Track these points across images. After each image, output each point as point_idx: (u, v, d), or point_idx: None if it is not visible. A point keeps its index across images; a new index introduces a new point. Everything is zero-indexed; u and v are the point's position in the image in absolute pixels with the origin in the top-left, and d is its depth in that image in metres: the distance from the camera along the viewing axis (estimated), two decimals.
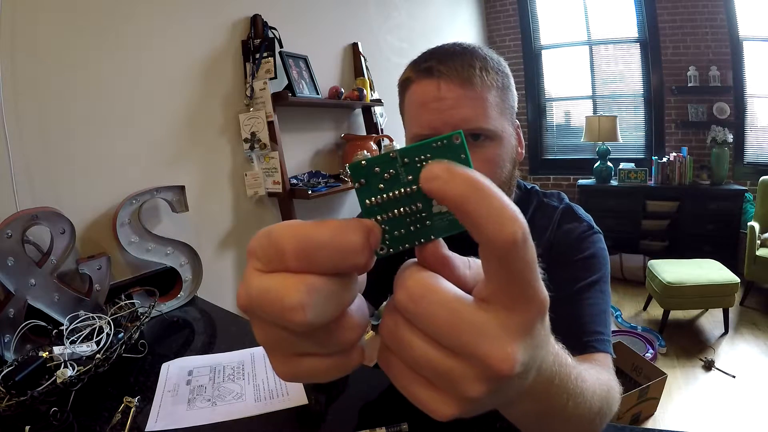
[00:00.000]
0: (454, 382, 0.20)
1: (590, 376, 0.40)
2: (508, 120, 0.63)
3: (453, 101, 0.57)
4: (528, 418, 0.33)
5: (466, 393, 0.20)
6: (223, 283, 1.58)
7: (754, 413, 1.76)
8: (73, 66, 1.15)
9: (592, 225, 0.68)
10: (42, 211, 0.99)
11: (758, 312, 2.69)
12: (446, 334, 0.19)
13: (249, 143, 1.61)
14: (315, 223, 0.20)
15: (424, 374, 0.21)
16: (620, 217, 3.35)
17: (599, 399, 0.41)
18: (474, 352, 0.19)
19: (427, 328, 0.20)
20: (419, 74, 0.60)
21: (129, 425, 0.67)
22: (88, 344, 0.86)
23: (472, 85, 0.57)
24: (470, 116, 0.57)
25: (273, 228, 0.20)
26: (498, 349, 0.19)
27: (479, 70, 0.58)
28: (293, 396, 0.73)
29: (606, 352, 0.58)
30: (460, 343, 0.19)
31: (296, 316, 0.18)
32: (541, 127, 3.95)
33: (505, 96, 0.62)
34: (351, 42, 2.17)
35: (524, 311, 0.20)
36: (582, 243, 0.65)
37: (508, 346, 0.19)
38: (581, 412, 0.36)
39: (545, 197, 0.73)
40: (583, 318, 0.59)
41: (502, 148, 0.61)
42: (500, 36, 3.89)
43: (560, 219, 0.68)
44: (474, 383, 0.20)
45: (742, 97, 3.23)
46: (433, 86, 0.58)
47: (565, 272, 0.63)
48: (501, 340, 0.19)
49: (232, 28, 1.59)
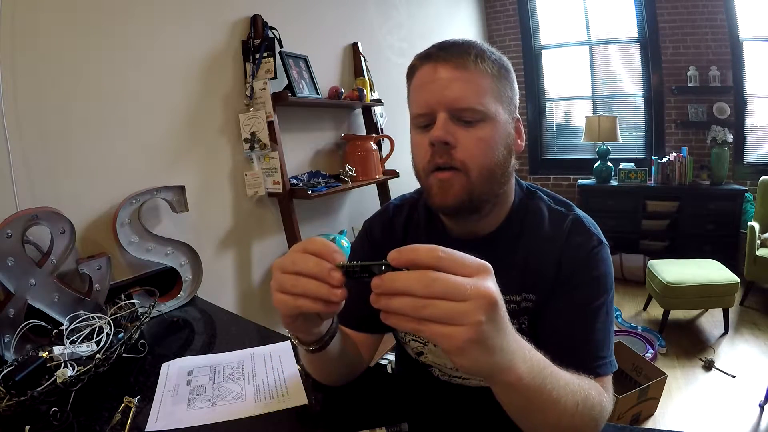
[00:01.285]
0: (465, 315, 0.37)
1: (568, 375, 0.51)
2: (505, 109, 0.64)
3: (446, 81, 0.61)
4: (514, 400, 0.47)
5: (474, 318, 0.37)
6: (223, 283, 1.58)
7: (754, 413, 1.76)
8: (73, 66, 1.15)
9: (601, 238, 0.67)
10: (42, 211, 0.99)
11: (758, 312, 2.69)
12: (453, 289, 0.37)
13: (249, 143, 1.61)
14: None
15: (443, 320, 0.37)
16: (620, 217, 3.35)
17: (577, 397, 0.50)
18: (471, 292, 0.37)
19: (443, 292, 0.37)
20: (421, 60, 0.65)
21: (129, 425, 0.67)
22: (88, 344, 0.86)
23: (466, 68, 0.61)
24: (462, 95, 0.60)
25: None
26: (481, 285, 0.38)
27: (474, 56, 0.61)
28: (293, 396, 0.73)
29: (608, 375, 0.61)
30: (463, 291, 0.37)
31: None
32: (541, 127, 3.95)
33: (502, 85, 0.64)
34: (351, 42, 2.17)
35: (482, 273, 0.40)
36: (591, 260, 0.65)
37: (485, 283, 0.38)
38: (559, 401, 0.47)
39: (554, 203, 0.73)
40: (589, 344, 0.61)
41: (495, 130, 0.62)
42: (500, 36, 3.90)
43: (569, 232, 0.67)
44: (477, 312, 0.37)
45: (742, 97, 3.23)
46: (430, 68, 0.62)
47: (574, 294, 0.63)
48: (481, 282, 0.38)
49: (232, 28, 1.59)
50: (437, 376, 0.80)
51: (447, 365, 0.78)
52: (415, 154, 0.67)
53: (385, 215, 0.81)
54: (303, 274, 0.44)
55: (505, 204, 0.70)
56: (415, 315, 0.37)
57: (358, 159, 1.96)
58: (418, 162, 0.66)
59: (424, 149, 0.63)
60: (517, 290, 0.68)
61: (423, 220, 0.77)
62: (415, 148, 0.67)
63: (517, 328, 0.69)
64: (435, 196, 0.64)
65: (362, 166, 1.96)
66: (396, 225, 0.79)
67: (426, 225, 0.76)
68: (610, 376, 0.61)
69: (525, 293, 0.68)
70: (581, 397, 0.50)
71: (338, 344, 0.61)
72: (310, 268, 0.43)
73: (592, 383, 0.56)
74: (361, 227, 0.84)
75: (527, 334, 0.69)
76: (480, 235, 0.70)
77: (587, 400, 0.51)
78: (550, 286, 0.65)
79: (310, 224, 1.93)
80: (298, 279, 0.44)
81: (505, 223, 0.70)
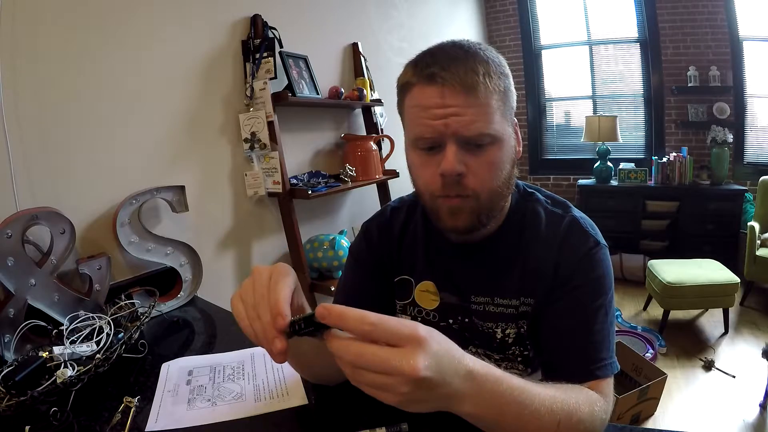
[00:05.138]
0: (391, 387, 0.39)
1: (549, 392, 0.50)
2: (509, 121, 0.62)
3: (457, 108, 0.57)
4: (481, 420, 0.47)
5: (399, 390, 0.39)
6: (223, 283, 1.58)
7: (754, 413, 1.76)
8: (73, 66, 1.15)
9: (599, 239, 0.66)
10: (42, 211, 0.99)
11: (758, 312, 2.69)
12: (378, 366, 0.38)
13: (249, 143, 1.61)
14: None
15: (373, 386, 0.39)
16: (620, 217, 3.35)
17: (559, 415, 0.49)
18: (394, 370, 0.38)
19: (368, 366, 0.39)
20: (421, 79, 0.59)
21: (129, 425, 0.67)
22: (88, 344, 0.86)
23: (476, 92, 0.56)
24: (473, 124, 0.57)
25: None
26: (405, 363, 0.38)
27: (483, 77, 0.57)
28: (293, 396, 0.73)
29: (608, 377, 0.60)
30: (387, 368, 0.38)
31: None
32: (541, 127, 3.95)
33: (507, 99, 0.61)
34: (351, 42, 2.17)
35: (412, 345, 0.39)
36: (589, 262, 0.64)
37: (411, 360, 0.38)
38: (530, 422, 0.48)
39: (550, 205, 0.72)
40: (588, 346, 0.61)
41: (502, 150, 0.61)
42: (500, 36, 3.89)
43: (566, 234, 0.66)
44: (401, 385, 0.38)
45: (742, 97, 3.23)
46: (436, 93, 0.57)
47: (572, 297, 0.63)
48: (406, 359, 0.38)
49: (232, 28, 1.59)
50: None
51: None
52: (418, 175, 0.63)
53: (382, 218, 0.80)
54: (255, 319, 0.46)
55: (502, 208, 0.69)
56: (352, 376, 0.40)
57: (358, 159, 1.96)
58: (423, 185, 0.63)
59: (430, 173, 0.60)
60: (515, 294, 0.68)
61: (420, 223, 0.77)
62: (417, 169, 0.63)
63: (516, 332, 0.69)
64: (445, 221, 0.62)
65: (362, 166, 1.96)
66: (393, 228, 0.78)
67: (423, 229, 0.76)
68: (610, 379, 0.60)
69: (523, 297, 0.68)
70: (564, 415, 0.50)
71: (314, 341, 0.60)
72: (259, 329, 0.45)
73: (582, 395, 0.54)
74: (360, 229, 0.84)
75: (527, 338, 0.69)
76: (477, 240, 0.69)
77: (572, 417, 0.50)
78: (549, 289, 0.65)
79: (310, 224, 1.93)
80: (252, 320, 0.46)
81: (502, 226, 0.69)
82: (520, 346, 0.70)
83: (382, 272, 0.77)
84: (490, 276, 0.69)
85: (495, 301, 0.69)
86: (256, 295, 0.47)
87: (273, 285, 0.47)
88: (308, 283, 1.71)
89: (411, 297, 0.76)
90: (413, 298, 0.75)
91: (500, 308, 0.69)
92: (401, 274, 0.76)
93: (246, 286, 0.48)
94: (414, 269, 0.75)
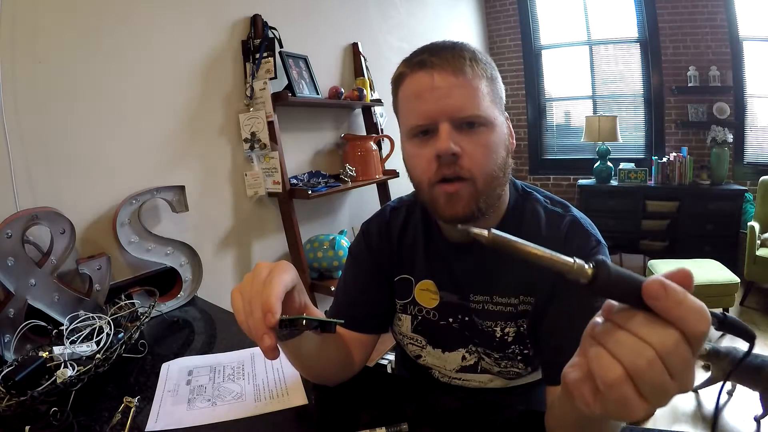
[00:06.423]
0: (668, 394, 0.30)
1: None
2: (499, 109, 0.64)
3: (447, 90, 0.59)
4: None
5: (668, 400, 0.31)
6: (223, 283, 1.58)
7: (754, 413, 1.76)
8: (73, 66, 1.15)
9: (599, 239, 0.67)
10: (42, 211, 0.99)
11: (758, 312, 2.69)
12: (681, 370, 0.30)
13: (249, 143, 1.61)
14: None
15: (646, 390, 0.30)
16: (620, 217, 3.35)
17: None
18: (685, 379, 0.30)
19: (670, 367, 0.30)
20: (413, 67, 0.62)
21: (129, 425, 0.67)
22: (88, 344, 0.86)
23: (464, 74, 0.59)
24: (464, 104, 0.59)
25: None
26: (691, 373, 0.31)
27: (469, 60, 0.60)
28: (293, 396, 0.73)
29: None
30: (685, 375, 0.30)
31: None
32: (541, 127, 3.95)
33: (495, 87, 0.64)
34: (351, 42, 2.17)
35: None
36: None
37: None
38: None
39: (549, 204, 0.72)
40: None
41: (495, 134, 0.62)
42: (500, 36, 3.89)
43: (568, 233, 0.67)
44: (674, 393, 0.31)
45: (742, 97, 3.23)
46: (427, 77, 0.60)
47: (573, 296, 0.62)
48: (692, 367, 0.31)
49: (232, 28, 1.59)
50: (437, 378, 0.80)
51: (446, 367, 0.77)
52: (414, 166, 0.64)
53: (382, 218, 0.81)
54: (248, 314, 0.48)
55: (500, 206, 0.69)
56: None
57: (358, 159, 1.96)
58: (420, 174, 0.63)
59: (426, 161, 0.61)
60: (515, 293, 0.68)
61: (420, 223, 0.77)
62: (413, 159, 0.64)
63: (516, 330, 0.70)
64: (443, 209, 0.62)
65: (362, 166, 1.96)
66: (393, 228, 0.78)
67: (423, 228, 0.76)
68: None
69: (523, 296, 0.68)
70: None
71: (314, 340, 0.60)
72: (252, 324, 0.47)
73: None
74: (359, 229, 0.84)
75: (527, 336, 0.69)
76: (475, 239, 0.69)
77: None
78: (549, 289, 0.65)
79: (310, 224, 1.93)
80: (247, 315, 0.48)
81: (500, 226, 0.69)
82: (520, 344, 0.70)
83: (382, 272, 0.77)
84: (489, 274, 0.70)
85: (494, 299, 0.69)
86: (253, 290, 0.47)
87: (268, 281, 0.47)
88: (308, 283, 1.71)
89: (411, 296, 0.76)
90: (413, 296, 0.76)
91: (499, 307, 0.69)
92: (401, 274, 0.77)
93: (246, 280, 0.50)
94: (414, 268, 0.76)
